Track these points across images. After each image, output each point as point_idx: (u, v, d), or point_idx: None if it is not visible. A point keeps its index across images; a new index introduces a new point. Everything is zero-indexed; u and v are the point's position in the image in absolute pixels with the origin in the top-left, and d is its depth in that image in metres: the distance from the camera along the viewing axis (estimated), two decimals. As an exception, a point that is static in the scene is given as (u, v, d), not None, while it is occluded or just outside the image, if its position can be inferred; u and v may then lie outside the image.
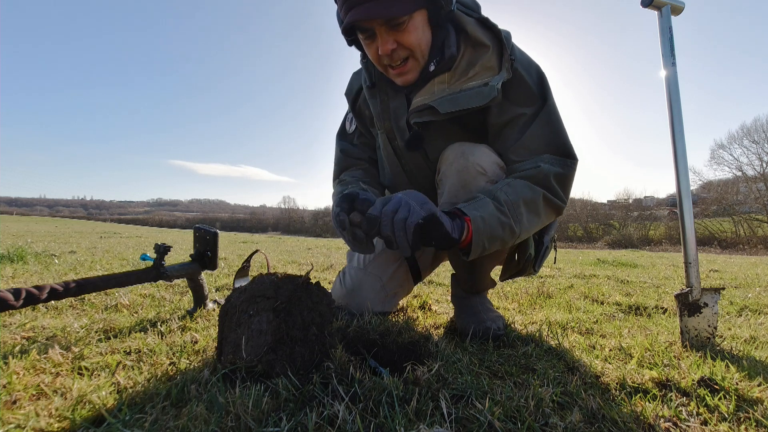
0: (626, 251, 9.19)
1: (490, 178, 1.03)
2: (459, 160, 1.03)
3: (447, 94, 1.03)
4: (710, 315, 1.07)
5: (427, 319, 1.28)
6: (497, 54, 1.04)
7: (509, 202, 0.94)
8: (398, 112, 1.14)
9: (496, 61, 1.03)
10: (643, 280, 2.64)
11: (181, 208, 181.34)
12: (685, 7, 1.15)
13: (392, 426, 0.58)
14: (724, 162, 22.89)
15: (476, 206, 0.91)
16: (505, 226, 0.93)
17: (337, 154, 1.34)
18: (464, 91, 1.02)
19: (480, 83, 1.02)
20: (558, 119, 1.05)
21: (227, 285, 1.82)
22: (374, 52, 1.02)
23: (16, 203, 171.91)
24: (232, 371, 0.72)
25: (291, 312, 0.77)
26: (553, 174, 1.00)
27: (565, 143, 1.04)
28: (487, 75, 1.03)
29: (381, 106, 1.16)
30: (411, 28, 0.97)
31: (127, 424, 0.57)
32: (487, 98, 1.00)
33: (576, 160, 1.05)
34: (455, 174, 1.04)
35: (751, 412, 0.68)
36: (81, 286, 0.92)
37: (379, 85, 1.15)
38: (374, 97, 1.17)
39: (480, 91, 1.01)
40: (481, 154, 1.04)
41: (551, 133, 1.03)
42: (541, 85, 1.06)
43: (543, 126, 1.03)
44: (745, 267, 4.26)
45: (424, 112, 1.06)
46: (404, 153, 1.17)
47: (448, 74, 1.05)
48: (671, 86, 1.12)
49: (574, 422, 0.62)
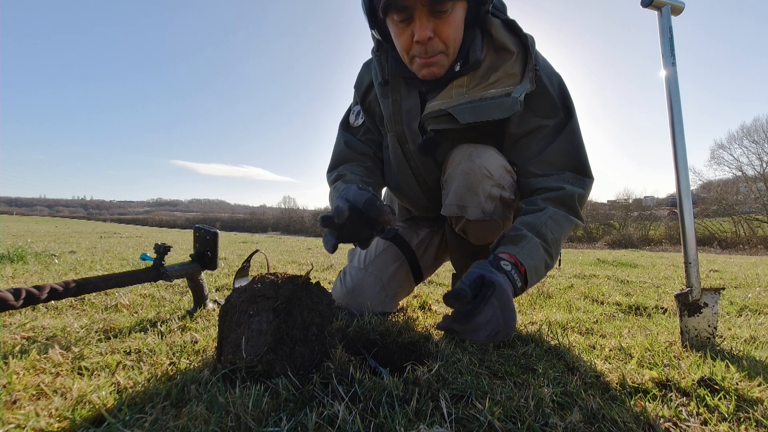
0: (626, 251, 9.19)
1: (496, 181, 1.01)
2: (465, 162, 1.01)
3: (466, 101, 0.99)
4: (710, 315, 1.07)
5: (427, 319, 1.28)
6: (521, 61, 1.00)
7: (555, 240, 0.91)
8: (411, 114, 1.09)
9: (520, 69, 0.99)
10: (643, 280, 2.64)
11: (181, 208, 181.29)
12: (685, 7, 1.15)
13: (392, 426, 0.58)
14: (724, 162, 22.91)
15: (529, 252, 0.86)
16: (549, 267, 0.91)
17: (339, 145, 1.26)
18: (485, 101, 0.98)
19: (501, 92, 0.97)
20: (580, 136, 1.03)
21: (227, 285, 1.82)
22: (407, 38, 0.94)
23: (16, 203, 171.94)
24: (232, 371, 0.72)
25: (291, 312, 0.77)
26: (578, 196, 0.98)
27: (585, 162, 1.02)
28: (508, 83, 0.98)
29: (393, 108, 1.10)
30: (452, 19, 0.93)
31: (127, 424, 0.57)
32: (509, 111, 0.96)
33: (593, 180, 1.03)
34: (461, 176, 1.01)
35: (751, 412, 0.68)
36: (81, 286, 0.92)
37: (392, 82, 1.10)
38: (386, 96, 1.11)
39: (502, 102, 0.96)
40: (488, 157, 1.01)
41: (574, 150, 1.01)
42: (563, 97, 1.04)
43: (567, 142, 1.01)
44: (745, 267, 4.26)
45: (442, 119, 1.02)
46: (415, 156, 1.14)
47: (468, 77, 1.01)
48: (671, 86, 1.12)
49: (574, 422, 0.62)
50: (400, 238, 1.36)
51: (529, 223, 0.92)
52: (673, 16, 1.14)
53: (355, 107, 1.27)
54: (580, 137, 1.03)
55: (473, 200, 1.01)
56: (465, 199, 1.02)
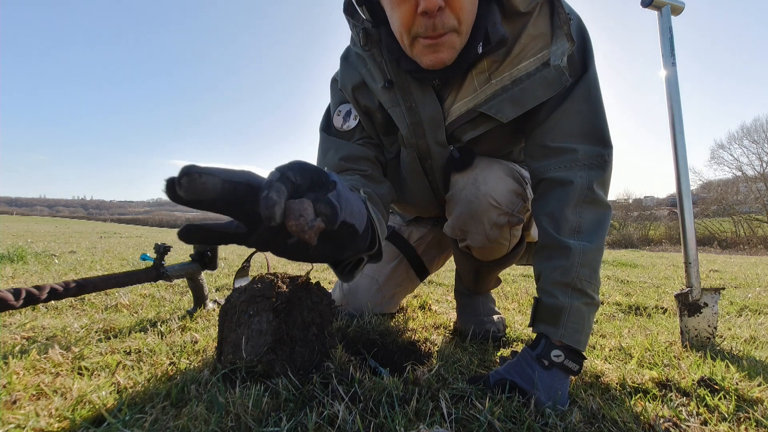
0: (626, 251, 9.18)
1: (503, 210, 0.90)
2: (470, 188, 0.89)
3: (498, 90, 0.79)
4: (710, 315, 1.07)
5: (427, 319, 1.28)
6: (546, 14, 0.78)
7: (594, 279, 0.77)
8: (434, 123, 0.86)
9: (547, 24, 0.77)
10: (643, 280, 2.64)
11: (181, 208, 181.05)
12: (685, 7, 1.15)
13: (392, 426, 0.58)
14: (724, 162, 22.90)
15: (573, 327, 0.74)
16: (593, 313, 0.79)
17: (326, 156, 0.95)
18: (521, 82, 0.78)
19: (536, 63, 0.77)
20: (597, 95, 0.82)
21: (227, 285, 1.82)
22: (408, 11, 0.71)
23: (16, 203, 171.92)
24: (232, 371, 0.72)
25: (291, 312, 0.77)
26: (597, 182, 0.80)
27: (602, 127, 0.82)
28: (538, 46, 0.77)
29: (410, 119, 0.87)
30: None
31: (127, 424, 0.57)
32: (557, 86, 0.77)
33: (612, 149, 0.83)
34: (465, 203, 0.90)
35: (751, 412, 0.68)
36: (81, 286, 0.92)
37: (398, 82, 0.85)
38: (395, 104, 0.86)
39: (543, 77, 0.77)
40: (495, 182, 0.88)
41: (589, 111, 0.81)
42: (584, 46, 0.82)
43: (581, 102, 0.81)
44: (745, 267, 4.26)
45: (478, 121, 0.83)
46: (437, 171, 0.95)
47: (487, 61, 0.79)
48: (671, 86, 1.12)
49: (574, 422, 0.62)
50: (397, 234, 1.31)
51: (560, 283, 0.76)
52: (673, 16, 1.14)
53: (342, 107, 0.98)
54: (598, 95, 0.82)
55: (477, 228, 0.92)
56: (468, 225, 0.93)
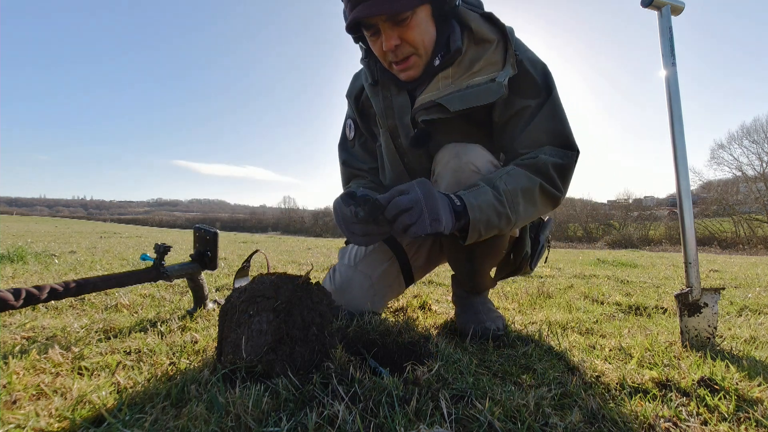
0: (626, 251, 9.19)
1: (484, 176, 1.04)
2: (453, 161, 1.05)
3: (454, 90, 1.04)
4: (710, 315, 1.07)
5: (427, 319, 1.28)
6: (501, 49, 1.05)
7: (507, 191, 0.95)
8: (402, 109, 1.13)
9: (501, 56, 1.05)
10: (643, 280, 2.65)
11: (181, 208, 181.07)
12: (685, 7, 1.15)
13: (392, 426, 0.58)
14: (724, 162, 22.91)
15: (475, 195, 0.92)
16: (502, 215, 0.94)
17: (340, 167, 1.37)
18: (471, 88, 1.03)
19: (486, 79, 1.03)
20: (561, 111, 1.06)
21: (227, 285, 1.82)
22: (379, 48, 1.04)
23: (16, 203, 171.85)
24: (232, 371, 0.72)
25: (291, 312, 0.77)
26: (552, 164, 1.00)
27: (566, 135, 1.05)
28: (491, 70, 1.04)
29: (384, 103, 1.16)
30: (414, 24, 0.99)
31: (127, 424, 0.57)
32: (496, 95, 1.01)
33: (577, 152, 1.05)
34: (450, 173, 1.05)
35: (751, 412, 0.68)
36: (81, 286, 0.92)
37: (382, 82, 1.15)
38: (377, 95, 1.17)
39: (488, 87, 1.02)
40: (474, 154, 1.05)
41: (554, 124, 1.04)
42: (545, 78, 1.07)
43: (547, 118, 1.04)
44: (745, 267, 4.26)
45: (432, 109, 1.07)
46: (407, 151, 1.18)
47: (452, 69, 1.06)
48: (671, 86, 1.12)
49: (574, 422, 0.63)
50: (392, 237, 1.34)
51: (484, 177, 0.98)
52: (673, 16, 1.14)
53: (348, 121, 1.35)
54: (562, 112, 1.06)
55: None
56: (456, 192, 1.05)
